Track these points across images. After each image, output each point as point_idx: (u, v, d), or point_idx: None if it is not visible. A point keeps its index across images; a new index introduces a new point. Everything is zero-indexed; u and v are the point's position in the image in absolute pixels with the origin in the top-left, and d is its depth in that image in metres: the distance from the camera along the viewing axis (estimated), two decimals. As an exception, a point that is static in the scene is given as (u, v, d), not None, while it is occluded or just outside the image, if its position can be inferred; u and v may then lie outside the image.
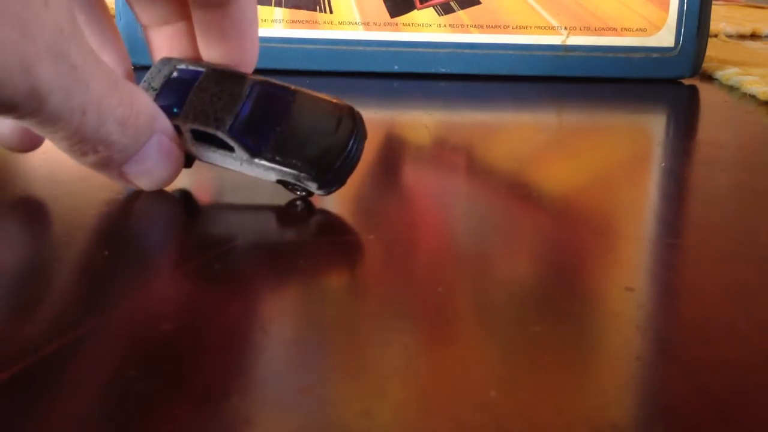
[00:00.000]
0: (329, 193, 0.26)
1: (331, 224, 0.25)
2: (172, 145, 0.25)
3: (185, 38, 0.28)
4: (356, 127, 0.26)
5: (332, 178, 0.25)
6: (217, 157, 0.26)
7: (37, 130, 0.22)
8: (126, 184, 0.25)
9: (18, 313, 0.19)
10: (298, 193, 0.26)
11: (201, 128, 0.25)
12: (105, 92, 0.22)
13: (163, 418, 0.15)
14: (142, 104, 0.24)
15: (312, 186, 0.25)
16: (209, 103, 0.26)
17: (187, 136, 0.26)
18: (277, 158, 0.25)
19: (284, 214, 0.25)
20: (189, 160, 0.27)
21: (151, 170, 0.25)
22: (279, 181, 0.26)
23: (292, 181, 0.25)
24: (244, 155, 0.25)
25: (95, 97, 0.22)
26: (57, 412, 0.15)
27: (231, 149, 0.25)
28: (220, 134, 0.25)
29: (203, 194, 0.27)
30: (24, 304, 0.20)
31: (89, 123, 0.22)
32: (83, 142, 0.22)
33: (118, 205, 0.26)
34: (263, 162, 0.25)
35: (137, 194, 0.26)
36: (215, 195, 0.27)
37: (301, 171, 0.25)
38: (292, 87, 0.27)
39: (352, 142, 0.26)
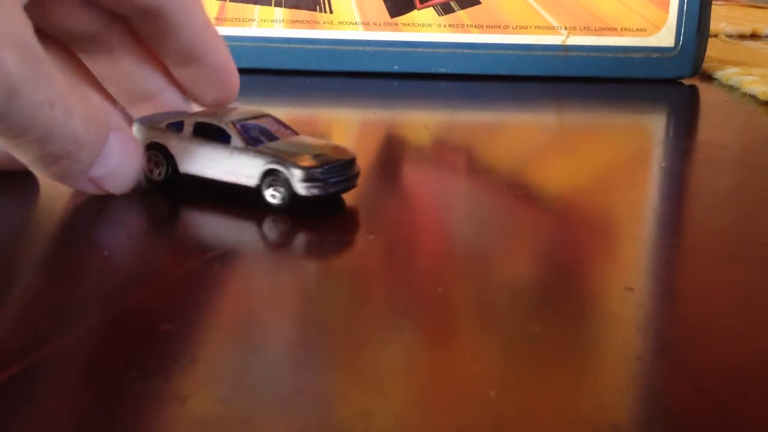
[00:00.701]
0: (310, 193, 0.25)
1: (331, 224, 0.25)
2: (131, 140, 0.25)
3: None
4: (351, 161, 0.26)
5: (316, 175, 0.25)
6: (207, 151, 0.26)
7: (5, 136, 0.21)
8: (95, 190, 0.25)
9: (18, 312, 0.19)
10: (276, 200, 0.25)
11: (206, 120, 0.26)
12: (67, 87, 0.22)
13: (163, 418, 0.15)
14: (96, 99, 0.24)
15: (296, 174, 0.25)
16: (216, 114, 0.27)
17: (188, 129, 0.26)
18: (268, 149, 0.26)
19: (284, 215, 0.25)
20: (172, 180, 0.27)
21: (116, 170, 0.25)
22: (264, 176, 0.25)
23: (279, 167, 0.25)
24: (239, 143, 0.26)
25: (60, 92, 0.21)
26: (56, 412, 0.15)
27: (227, 140, 0.26)
28: (223, 124, 0.26)
29: (203, 197, 0.27)
30: (24, 304, 0.20)
31: (58, 118, 0.21)
32: (54, 142, 0.22)
33: (118, 206, 0.26)
34: (259, 150, 0.25)
35: (137, 194, 0.26)
36: (215, 197, 0.27)
37: (287, 158, 0.25)
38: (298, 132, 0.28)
39: (340, 163, 0.26)
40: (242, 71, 0.51)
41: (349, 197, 0.27)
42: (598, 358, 0.18)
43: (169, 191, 0.27)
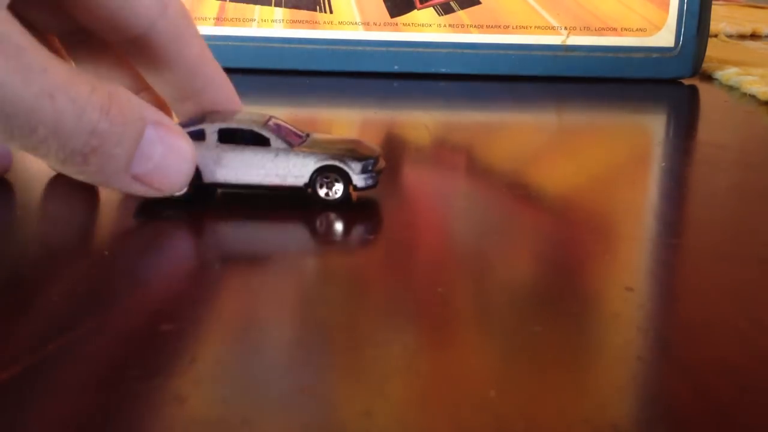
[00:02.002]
0: (366, 184, 0.26)
1: (332, 224, 0.25)
2: (176, 133, 0.23)
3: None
4: (375, 154, 0.26)
5: (369, 167, 0.26)
6: (245, 156, 0.25)
7: (17, 141, 0.20)
8: (146, 190, 0.23)
9: (18, 312, 0.19)
10: (330, 194, 0.25)
11: (233, 126, 0.25)
12: (70, 77, 0.20)
13: (163, 418, 0.15)
14: (122, 92, 0.22)
15: (355, 168, 0.25)
16: (235, 120, 0.26)
17: (212, 137, 0.25)
18: (312, 147, 0.26)
19: (284, 215, 0.25)
20: (197, 193, 0.26)
21: (161, 166, 0.23)
22: (315, 173, 0.25)
23: (336, 163, 0.25)
24: (282, 145, 0.25)
25: (59, 81, 0.20)
26: (57, 412, 0.15)
27: (265, 142, 0.25)
28: (258, 128, 0.25)
29: (203, 197, 0.27)
30: (24, 304, 0.20)
31: (65, 109, 0.20)
32: (71, 137, 0.20)
33: (119, 206, 0.26)
34: (302, 149, 0.25)
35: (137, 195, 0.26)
36: (215, 199, 0.27)
37: (343, 154, 0.25)
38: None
39: (376, 156, 0.26)
40: (242, 71, 0.51)
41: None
42: (598, 358, 0.18)
43: (191, 204, 0.26)
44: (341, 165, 0.25)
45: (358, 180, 0.25)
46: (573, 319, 0.19)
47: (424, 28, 0.49)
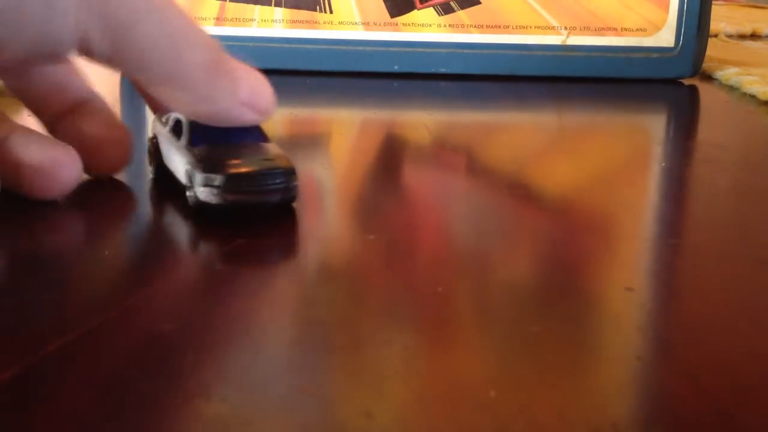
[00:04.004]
0: (208, 199, 0.24)
1: (331, 224, 0.25)
2: (246, 65, 0.27)
3: None
4: (287, 171, 0.25)
5: (214, 182, 0.24)
6: (171, 146, 0.26)
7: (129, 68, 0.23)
8: (254, 116, 0.25)
9: (18, 312, 0.19)
10: (193, 194, 0.25)
11: (179, 116, 0.26)
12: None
13: (163, 418, 0.15)
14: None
15: (198, 179, 0.24)
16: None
17: (170, 125, 0.27)
18: (195, 149, 0.25)
19: (284, 215, 0.25)
20: (160, 172, 0.27)
21: (257, 91, 0.26)
22: (185, 178, 0.25)
23: (189, 169, 0.25)
24: (184, 141, 0.26)
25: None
26: (57, 412, 0.15)
27: (180, 136, 0.26)
28: (182, 118, 0.26)
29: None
30: (24, 304, 0.20)
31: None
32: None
33: (119, 205, 0.26)
34: (195, 150, 0.25)
35: (137, 194, 0.26)
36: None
37: (199, 161, 0.24)
38: (269, 140, 0.26)
39: (268, 172, 0.24)
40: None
41: (349, 196, 0.27)
42: (598, 358, 0.18)
43: (159, 183, 0.27)
44: (193, 172, 0.24)
45: (200, 192, 0.24)
46: (573, 319, 0.19)
47: (424, 28, 0.49)
